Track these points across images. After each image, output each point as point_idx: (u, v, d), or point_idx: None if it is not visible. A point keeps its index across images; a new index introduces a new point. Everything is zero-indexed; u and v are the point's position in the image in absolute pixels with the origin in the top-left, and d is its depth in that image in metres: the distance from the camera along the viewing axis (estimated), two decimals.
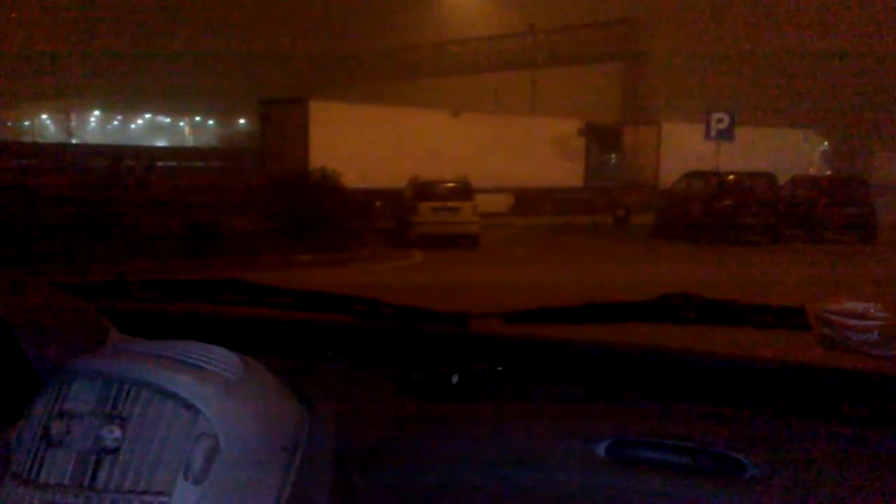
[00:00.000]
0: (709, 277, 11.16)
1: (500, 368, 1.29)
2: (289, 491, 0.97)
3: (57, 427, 0.92)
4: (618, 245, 18.60)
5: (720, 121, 22.79)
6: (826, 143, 36.49)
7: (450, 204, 17.89)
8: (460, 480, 1.05)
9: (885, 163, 39.79)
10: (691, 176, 20.93)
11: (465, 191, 18.32)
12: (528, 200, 27.26)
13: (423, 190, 18.38)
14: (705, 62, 36.74)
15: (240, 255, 12.85)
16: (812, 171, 30.09)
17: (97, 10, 44.29)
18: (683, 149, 26.69)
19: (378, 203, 21.56)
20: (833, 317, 1.17)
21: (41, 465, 0.91)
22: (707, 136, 22.85)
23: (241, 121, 53.74)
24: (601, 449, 1.05)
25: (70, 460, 0.90)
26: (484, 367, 1.28)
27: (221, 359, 1.01)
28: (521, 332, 1.45)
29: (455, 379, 1.24)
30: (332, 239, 14.70)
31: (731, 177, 20.28)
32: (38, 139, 49.66)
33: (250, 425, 0.96)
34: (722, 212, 18.75)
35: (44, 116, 58.85)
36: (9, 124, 55.97)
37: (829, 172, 30.23)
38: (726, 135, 22.70)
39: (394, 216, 19.76)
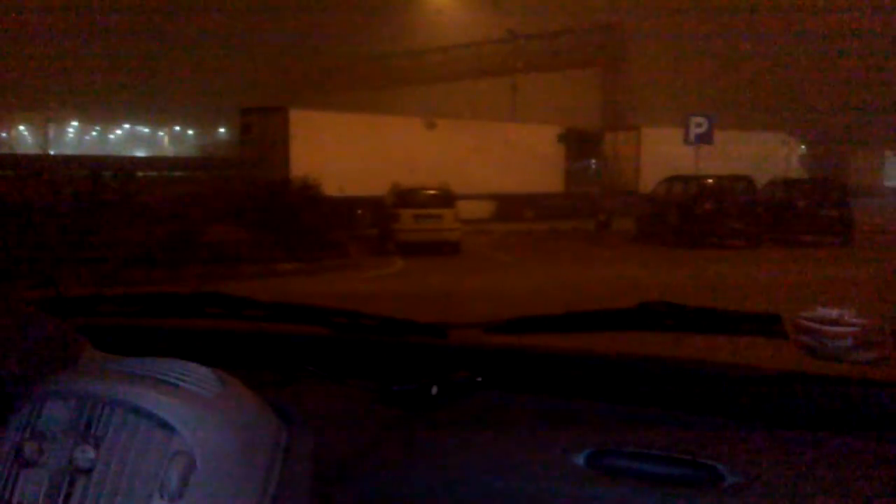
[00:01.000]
0: (689, 282, 11.22)
1: (479, 379, 1.29)
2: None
3: (30, 447, 0.91)
4: (599, 250, 18.67)
5: (699, 125, 22.94)
6: (803, 146, 36.81)
7: (431, 211, 17.88)
8: (440, 491, 1.05)
9: (861, 165, 40.24)
10: (671, 180, 21.05)
11: (446, 198, 18.32)
12: (509, 207, 27.33)
13: (404, 197, 18.37)
14: (684, 67, 37.05)
15: (220, 264, 12.78)
16: (790, 174, 30.33)
17: (75, 21, 44.01)
18: (663, 153, 26.83)
19: (359, 211, 21.55)
20: (808, 323, 1.18)
21: (14, 486, 0.90)
22: (686, 140, 23.00)
23: (221, 130, 53.54)
24: (581, 459, 1.05)
25: (43, 481, 0.89)
26: (464, 378, 1.28)
27: (197, 376, 1.00)
28: (501, 342, 1.45)
29: (434, 390, 1.24)
30: (314, 248, 14.65)
31: (710, 181, 20.43)
32: (15, 150, 49.19)
33: (227, 442, 0.95)
34: (701, 216, 18.87)
35: (21, 127, 58.31)
36: None
37: (806, 175, 30.48)
38: (705, 139, 22.86)
39: (375, 224, 19.73)
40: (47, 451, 0.91)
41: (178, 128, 62.11)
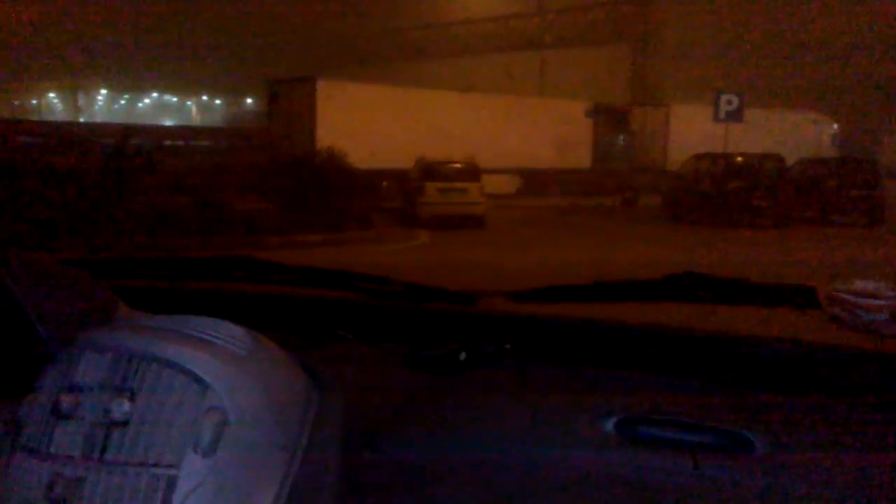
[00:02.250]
0: (717, 259, 11.13)
1: (507, 346, 1.29)
2: (297, 465, 0.98)
3: (66, 400, 0.92)
4: (625, 227, 18.56)
5: (729, 102, 22.65)
6: (835, 125, 36.22)
7: (456, 185, 17.85)
8: (467, 455, 1.06)
9: (893, 145, 39.54)
10: (700, 158, 20.83)
11: (471, 172, 18.28)
12: (535, 182, 27.19)
13: (430, 170, 18.34)
14: (714, 43, 36.48)
15: (247, 234, 12.87)
16: (821, 153, 29.89)
17: None
18: (692, 130, 26.56)
19: (385, 183, 21.54)
20: (843, 296, 1.17)
21: (51, 438, 0.91)
22: (716, 117, 22.72)
23: (249, 100, 53.63)
24: (609, 426, 1.05)
25: (80, 433, 0.91)
26: (491, 345, 1.28)
27: (230, 334, 1.01)
28: (529, 311, 1.45)
29: (463, 356, 1.24)
30: (339, 219, 14.70)
31: (739, 158, 20.19)
32: (46, 117, 49.70)
33: (259, 400, 0.96)
34: (730, 193, 18.67)
35: (51, 95, 58.82)
36: (16, 102, 55.95)
37: (837, 155, 30.01)
38: (735, 116, 22.57)
39: (400, 196, 19.74)
40: (84, 404, 0.92)
41: (206, 97, 62.28)
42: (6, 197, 11.21)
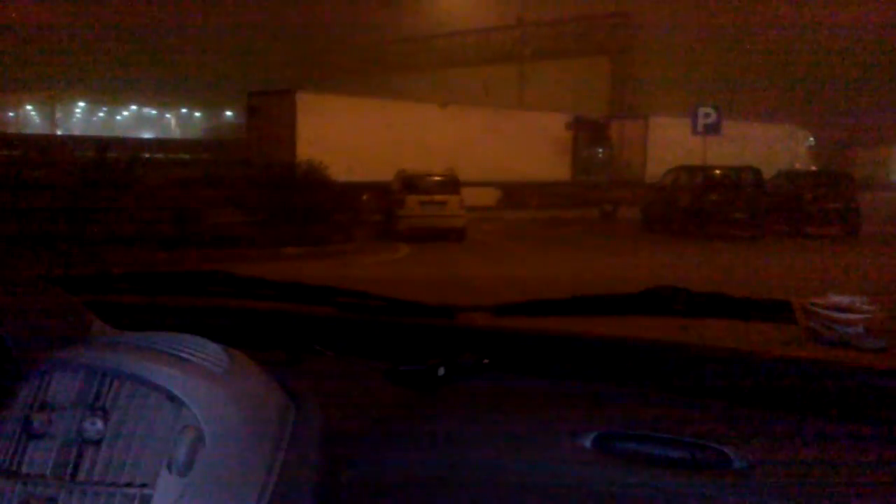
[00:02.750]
0: (695, 271, 11.21)
1: (486, 361, 1.29)
2: (274, 483, 0.97)
3: (38, 418, 0.91)
4: (605, 239, 18.66)
5: (707, 115, 22.89)
6: (812, 138, 36.67)
7: (437, 197, 17.88)
8: (446, 472, 1.05)
9: (868, 159, 40.08)
10: (678, 170, 21.01)
11: (452, 184, 18.32)
12: (515, 194, 27.30)
13: (410, 183, 18.37)
14: (692, 57, 36.91)
15: (225, 247, 12.81)
16: (798, 165, 30.24)
17: (84, 2, 43.98)
18: (671, 143, 26.79)
19: (365, 196, 21.54)
20: (819, 310, 1.17)
21: (22, 457, 0.90)
22: (694, 130, 22.94)
23: (228, 113, 53.51)
24: (588, 441, 1.05)
25: (52, 452, 0.89)
26: (471, 360, 1.28)
27: (206, 351, 1.00)
28: (509, 325, 1.45)
29: (441, 371, 1.24)
30: (319, 232, 14.68)
31: (717, 171, 20.38)
32: (23, 130, 49.28)
33: (235, 417, 0.95)
34: (708, 206, 18.84)
35: (28, 107, 58.38)
36: None
37: (814, 167, 30.38)
38: (713, 129, 22.80)
39: (381, 209, 19.74)
40: (56, 423, 0.91)
41: (185, 110, 62.09)
42: None
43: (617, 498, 0.98)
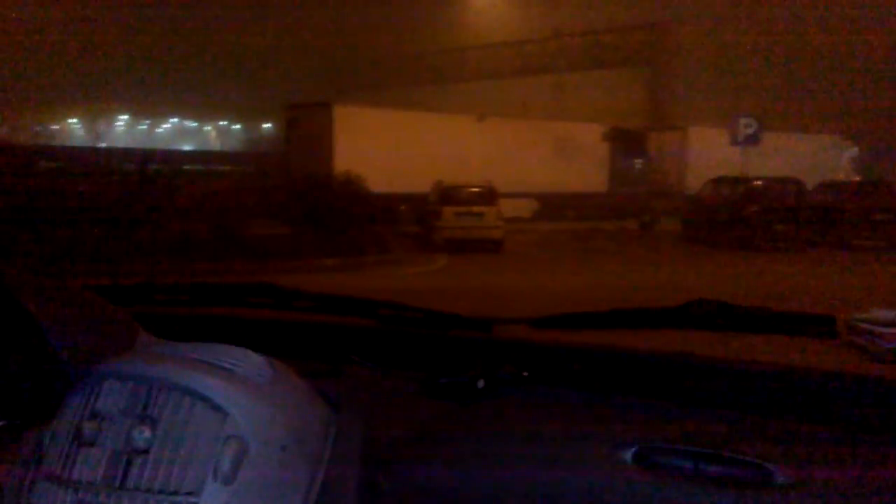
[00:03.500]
0: (736, 284, 11.06)
1: (525, 374, 1.29)
2: (315, 492, 0.98)
3: (89, 427, 0.93)
4: (644, 251, 18.48)
5: (747, 125, 22.62)
6: (855, 148, 36.06)
7: (474, 209, 17.88)
8: (485, 484, 1.06)
9: None
10: (718, 181, 20.77)
11: (489, 196, 18.31)
12: (552, 206, 27.19)
13: (448, 194, 18.39)
14: (731, 66, 36.49)
15: (265, 259, 12.93)
16: (840, 176, 29.74)
17: (126, 16, 44.83)
18: (709, 154, 26.49)
19: (402, 207, 21.61)
20: (863, 325, 1.16)
21: (73, 465, 0.92)
22: (734, 141, 22.67)
23: (267, 125, 54.07)
24: (628, 455, 1.04)
25: (102, 460, 0.92)
26: (509, 372, 1.28)
27: (250, 362, 1.02)
28: (547, 338, 1.45)
29: (481, 384, 1.24)
30: (357, 243, 14.75)
31: (758, 182, 20.11)
32: (67, 144, 50.27)
33: (278, 428, 0.97)
34: (749, 218, 18.57)
35: (72, 121, 59.57)
36: (38, 129, 56.67)
37: (857, 178, 29.86)
38: (753, 140, 22.52)
39: (418, 221, 19.79)
40: (105, 432, 0.93)
41: (224, 122, 62.85)
42: (28, 223, 11.33)
43: None
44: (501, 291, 10.40)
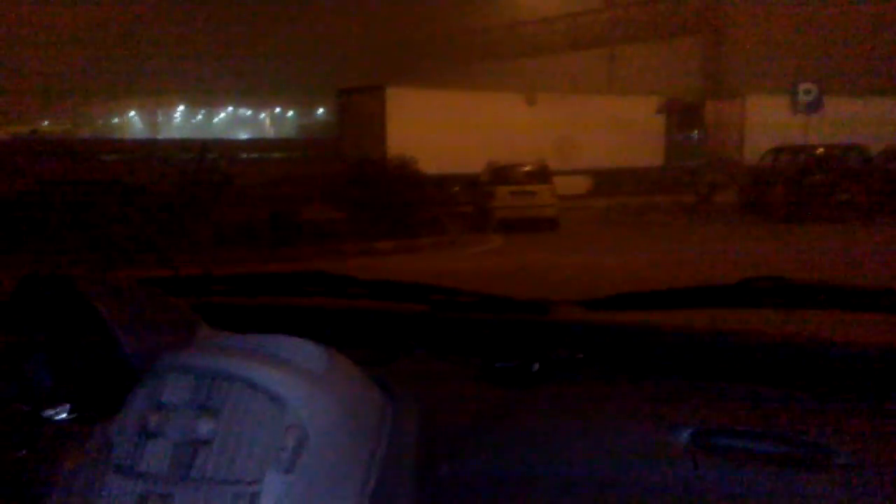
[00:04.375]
0: (797, 258, 10.83)
1: (580, 356, 1.29)
2: (374, 480, 1.00)
3: (154, 419, 0.96)
4: (701, 225, 18.20)
5: (807, 92, 22.06)
6: None
7: (527, 188, 17.81)
8: (542, 468, 1.06)
9: None
10: (777, 151, 20.30)
11: (542, 174, 18.21)
12: (607, 181, 26.92)
13: (501, 174, 18.35)
14: (789, 31, 35.46)
15: (321, 244, 13.09)
16: None
17: (180, 7, 45.54)
18: (769, 123, 25.92)
19: (456, 188, 21.62)
20: None
21: (140, 457, 0.95)
22: (794, 108, 22.13)
23: (320, 110, 54.55)
24: (685, 437, 1.04)
25: (167, 451, 0.95)
26: (565, 355, 1.28)
27: (307, 352, 1.04)
28: (602, 319, 1.44)
29: (536, 367, 1.24)
30: (411, 226, 14.82)
31: (820, 151, 19.60)
32: (126, 135, 51.50)
33: (336, 416, 0.99)
34: (811, 188, 18.12)
35: (132, 113, 60.92)
36: (99, 122, 58.16)
37: None
38: (814, 107, 21.94)
39: (472, 201, 19.79)
40: (170, 423, 0.96)
41: (278, 109, 63.57)
42: (89, 216, 11.64)
43: (715, 494, 0.97)
44: (557, 271, 10.35)
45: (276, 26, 47.05)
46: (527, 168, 18.45)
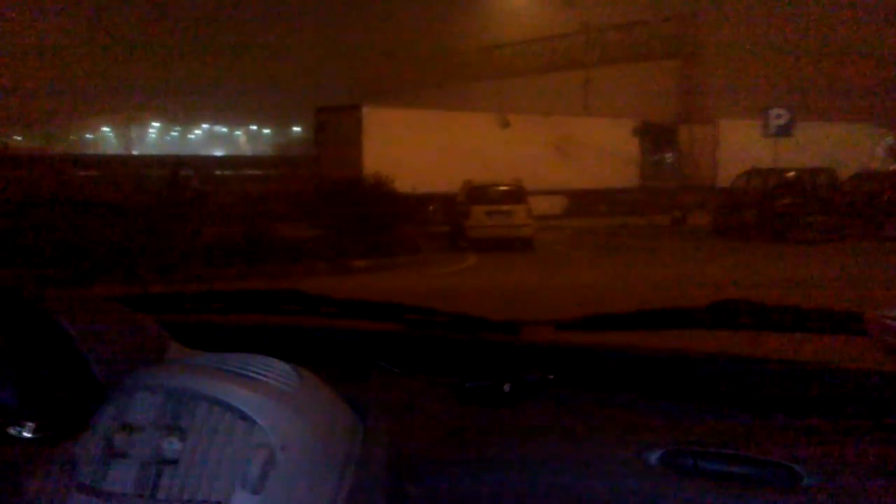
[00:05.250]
0: (768, 279, 10.93)
1: (551, 377, 1.29)
2: (343, 499, 0.99)
3: (120, 438, 0.95)
4: (675, 246, 18.34)
5: (779, 116, 22.38)
6: (890, 136, 35.39)
7: (503, 207, 17.86)
8: (512, 488, 1.06)
9: None
10: (749, 174, 20.57)
11: (518, 194, 18.27)
12: (582, 202, 27.08)
13: (476, 194, 18.38)
14: (763, 57, 36.00)
15: (296, 261, 13.02)
16: (875, 165, 29.21)
17: (155, 25, 45.41)
18: (741, 146, 26.25)
19: (431, 207, 21.66)
20: (892, 322, 1.14)
21: (105, 476, 0.94)
22: (765, 132, 22.43)
23: (297, 128, 54.48)
24: (654, 458, 1.04)
25: (133, 470, 0.93)
26: (536, 375, 1.28)
27: (277, 371, 1.03)
28: (573, 340, 1.45)
29: (507, 387, 1.24)
30: (387, 244, 14.80)
31: (790, 174, 19.88)
32: (99, 151, 51.09)
33: (305, 436, 0.98)
34: (781, 210, 18.37)
35: (105, 129, 60.46)
36: (72, 137, 57.65)
37: (893, 167, 29.30)
38: (785, 131, 22.26)
39: (447, 220, 19.81)
40: (136, 443, 0.94)
41: (254, 127, 63.41)
42: (60, 233, 11.49)
43: None
44: (530, 291, 10.38)
45: (254, 45, 47.01)
46: (502, 188, 18.51)
